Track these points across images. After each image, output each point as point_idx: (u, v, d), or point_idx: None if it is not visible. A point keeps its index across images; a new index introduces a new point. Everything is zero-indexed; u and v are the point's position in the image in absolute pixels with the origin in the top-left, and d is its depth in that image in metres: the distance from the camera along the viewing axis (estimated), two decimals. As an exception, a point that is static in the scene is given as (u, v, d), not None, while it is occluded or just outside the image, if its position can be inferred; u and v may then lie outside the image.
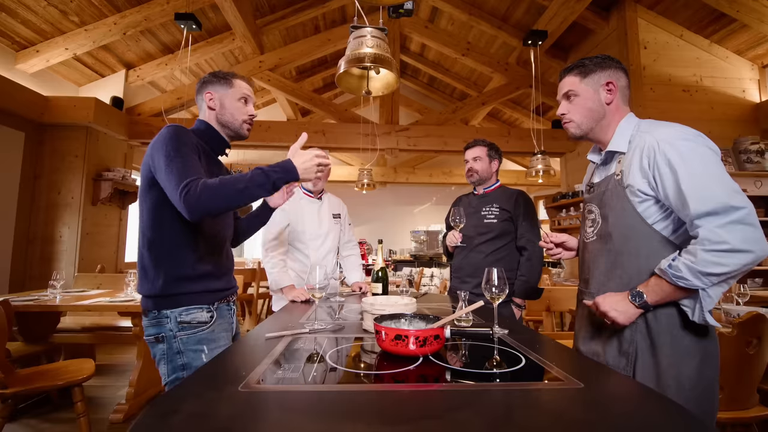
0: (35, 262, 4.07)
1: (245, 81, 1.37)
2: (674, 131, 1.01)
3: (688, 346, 1.00)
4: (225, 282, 1.30)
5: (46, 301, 2.45)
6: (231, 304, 1.36)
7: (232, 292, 1.36)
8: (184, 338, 1.17)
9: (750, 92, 4.17)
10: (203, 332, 1.19)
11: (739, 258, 0.87)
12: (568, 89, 1.17)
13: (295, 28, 5.27)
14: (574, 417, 0.62)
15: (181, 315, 1.17)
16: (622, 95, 1.15)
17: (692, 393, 0.99)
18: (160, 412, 0.58)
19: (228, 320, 1.31)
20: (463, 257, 2.11)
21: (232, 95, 1.32)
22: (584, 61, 1.16)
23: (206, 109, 1.33)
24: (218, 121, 1.33)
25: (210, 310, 1.22)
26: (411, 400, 0.68)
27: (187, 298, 1.19)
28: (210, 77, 1.34)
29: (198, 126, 1.33)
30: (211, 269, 1.24)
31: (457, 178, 7.99)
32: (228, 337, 1.29)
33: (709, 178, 0.93)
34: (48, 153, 4.20)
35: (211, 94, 1.32)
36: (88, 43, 4.11)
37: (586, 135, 1.18)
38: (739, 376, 1.64)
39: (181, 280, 1.17)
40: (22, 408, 2.55)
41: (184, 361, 1.16)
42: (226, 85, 1.32)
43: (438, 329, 0.89)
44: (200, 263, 1.21)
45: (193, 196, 1.03)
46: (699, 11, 3.92)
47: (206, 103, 1.32)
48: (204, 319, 1.20)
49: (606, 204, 1.13)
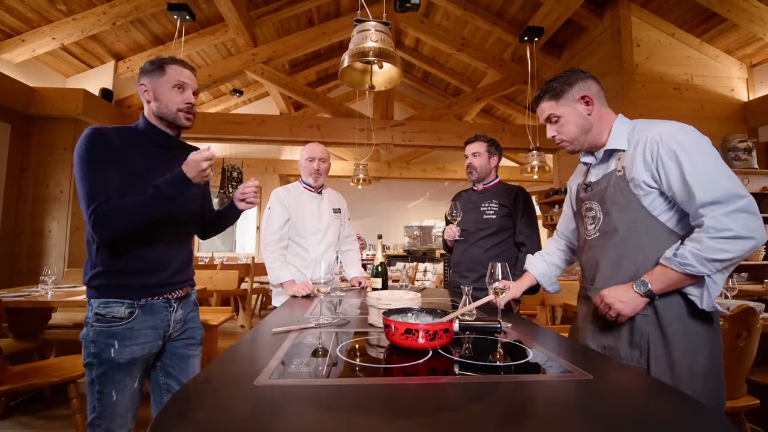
0: (23, 257, 3.98)
1: (183, 66, 1.27)
2: (674, 126, 1.06)
3: (699, 335, 1.04)
4: (162, 278, 1.26)
5: (37, 297, 2.41)
6: (172, 300, 1.30)
7: (174, 289, 1.30)
8: (97, 329, 1.17)
9: (738, 91, 4.25)
10: (117, 327, 1.17)
11: (742, 244, 0.92)
12: (548, 114, 1.21)
13: (288, 20, 5.21)
14: (589, 408, 0.63)
15: (99, 307, 1.17)
16: (599, 101, 1.19)
17: (705, 382, 1.03)
18: (180, 409, 0.58)
19: (161, 317, 1.26)
20: (463, 252, 2.13)
21: (165, 83, 1.23)
22: (552, 85, 1.20)
23: (145, 103, 1.26)
24: (155, 114, 1.25)
25: (131, 306, 1.20)
26: (425, 392, 0.68)
27: (104, 290, 1.18)
28: (145, 65, 1.25)
29: (138, 123, 1.27)
30: (141, 264, 1.21)
31: (451, 174, 8.02)
32: (155, 335, 1.25)
33: (713, 169, 0.98)
34: (35, 145, 4.10)
35: (144, 85, 1.24)
36: (76, 33, 4.01)
37: (583, 147, 1.22)
38: (729, 367, 1.68)
39: (101, 272, 1.18)
40: (13, 406, 2.50)
41: (95, 350, 1.17)
42: (158, 73, 1.23)
43: (447, 323, 0.90)
44: (122, 257, 1.18)
45: (100, 223, 1.06)
46: (691, 10, 3.97)
47: (142, 96, 1.25)
48: (121, 314, 1.18)
49: (608, 200, 1.15)
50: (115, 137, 1.18)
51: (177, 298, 1.32)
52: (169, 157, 1.27)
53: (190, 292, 1.40)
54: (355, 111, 5.22)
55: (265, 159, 7.80)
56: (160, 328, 1.26)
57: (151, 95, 1.24)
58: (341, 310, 1.44)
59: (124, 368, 1.18)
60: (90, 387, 1.18)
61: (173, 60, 1.26)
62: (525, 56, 4.84)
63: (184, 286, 1.35)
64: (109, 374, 1.17)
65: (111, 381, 1.17)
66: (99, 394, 1.17)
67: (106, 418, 1.16)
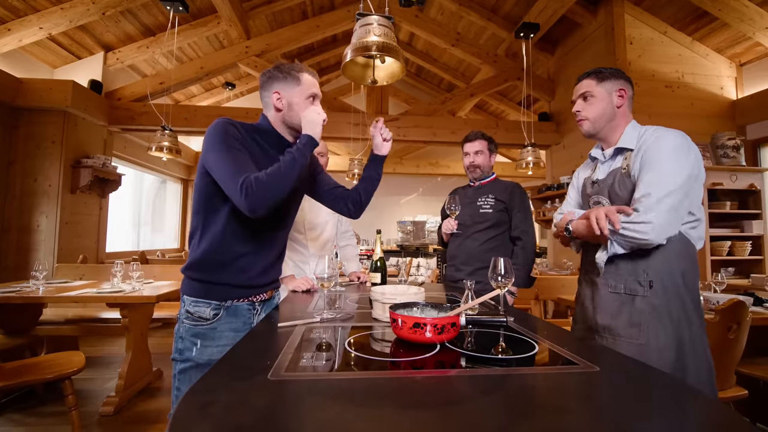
0: (11, 252, 3.90)
1: (312, 75, 1.29)
2: (673, 134, 1.18)
3: (687, 312, 1.17)
4: (253, 281, 1.26)
5: (28, 293, 2.37)
6: (256, 303, 1.31)
7: (260, 291, 1.30)
8: (186, 326, 1.20)
9: (728, 89, 4.33)
10: (202, 327, 1.19)
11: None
12: (585, 90, 1.32)
13: (282, 13, 5.15)
14: (597, 399, 0.65)
15: (190, 305, 1.19)
16: (629, 103, 1.32)
17: (703, 356, 1.17)
18: (197, 403, 0.57)
19: (244, 320, 1.27)
20: (458, 245, 2.15)
21: (300, 94, 1.25)
22: (601, 69, 1.32)
23: (273, 109, 1.28)
24: (284, 123, 1.28)
25: (217, 307, 1.21)
26: (435, 385, 0.69)
27: (195, 289, 1.20)
28: (275, 72, 1.26)
29: (261, 123, 1.29)
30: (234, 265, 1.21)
31: (444, 169, 8.04)
32: (236, 337, 1.24)
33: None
34: (22, 138, 4.00)
35: (278, 93, 1.25)
36: (65, 23, 3.91)
37: (598, 133, 1.33)
38: (719, 360, 1.74)
39: (196, 262, 1.20)
40: (5, 403, 2.47)
41: (181, 347, 1.19)
42: (293, 82, 1.25)
43: (454, 317, 0.91)
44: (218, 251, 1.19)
45: (253, 193, 1.07)
46: (683, 8, 4.02)
47: (273, 103, 1.26)
48: (206, 315, 1.20)
49: (614, 193, 1.25)
50: (242, 130, 1.21)
51: (261, 301, 1.32)
52: (269, 158, 1.28)
53: (274, 294, 1.41)
54: (350, 105, 5.19)
55: (257, 153, 7.72)
56: (242, 331, 1.25)
57: (284, 103, 1.25)
58: (341, 304, 1.44)
59: (202, 369, 1.18)
60: (173, 381, 1.20)
61: (302, 68, 1.28)
62: (519, 52, 4.86)
63: (269, 288, 1.35)
64: (188, 373, 1.18)
65: (188, 380, 1.18)
66: (177, 390, 1.18)
67: None
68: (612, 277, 1.26)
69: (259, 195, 1.08)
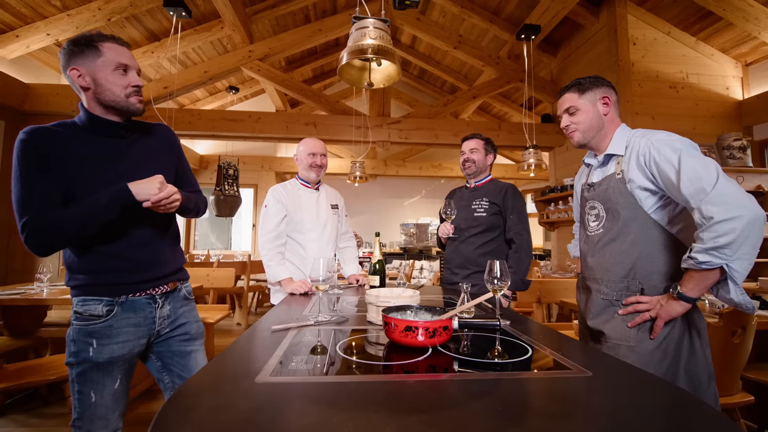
0: (18, 255, 3.94)
1: (116, 42, 1.13)
2: (664, 134, 1.17)
3: (683, 317, 1.14)
4: (141, 273, 1.20)
5: (33, 295, 2.39)
6: (157, 296, 1.24)
7: (157, 284, 1.24)
8: (76, 327, 1.14)
9: (733, 89, 4.28)
10: (95, 326, 1.13)
11: (730, 225, 0.95)
12: (568, 105, 1.33)
13: (285, 17, 5.18)
14: (589, 404, 0.64)
15: (78, 305, 1.14)
16: (615, 109, 1.32)
17: (703, 360, 1.15)
18: (180, 407, 0.57)
19: (144, 315, 1.21)
20: (454, 249, 2.14)
21: (104, 66, 1.09)
22: (580, 81, 1.33)
23: (82, 91, 1.11)
24: (100, 103, 1.12)
25: (110, 303, 1.15)
26: (426, 389, 0.69)
27: (82, 288, 1.15)
28: (71, 46, 1.08)
29: (79, 117, 1.14)
30: (114, 262, 1.16)
31: (447, 171, 8.02)
32: (138, 333, 1.20)
33: (696, 166, 1.05)
34: (29, 142, 4.05)
35: (77, 69, 1.08)
36: (71, 29, 3.96)
37: (588, 143, 1.34)
38: (724, 364, 1.71)
39: (76, 272, 1.15)
40: (9, 404, 2.49)
41: (74, 350, 1.13)
42: (93, 54, 1.08)
43: (447, 320, 0.90)
44: (94, 256, 1.14)
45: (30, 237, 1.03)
46: (687, 8, 3.98)
47: (76, 82, 1.09)
48: (98, 312, 1.14)
49: (609, 198, 1.26)
50: (53, 138, 1.08)
51: (163, 294, 1.26)
52: (123, 146, 1.19)
53: (178, 286, 1.33)
54: (352, 108, 5.21)
55: (260, 156, 7.77)
56: (144, 326, 1.21)
57: (88, 80, 1.09)
58: (339, 307, 1.44)
59: (102, 368, 1.13)
60: (71, 387, 1.14)
61: (102, 37, 1.11)
62: (521, 54, 4.84)
63: (169, 280, 1.28)
64: (88, 374, 1.12)
65: (90, 381, 1.12)
66: (78, 394, 1.13)
67: (86, 420, 1.12)
68: (605, 284, 1.28)
69: (43, 241, 1.03)
